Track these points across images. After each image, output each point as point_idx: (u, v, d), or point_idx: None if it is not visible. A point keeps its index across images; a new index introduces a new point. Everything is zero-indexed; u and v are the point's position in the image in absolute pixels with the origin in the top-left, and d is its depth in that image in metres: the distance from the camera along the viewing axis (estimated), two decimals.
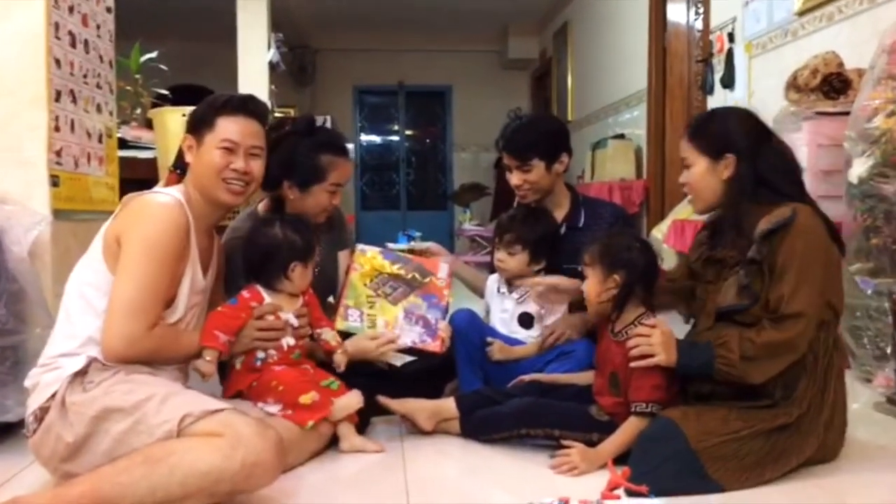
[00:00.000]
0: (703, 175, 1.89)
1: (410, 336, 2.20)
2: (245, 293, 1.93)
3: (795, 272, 1.71)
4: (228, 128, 1.86)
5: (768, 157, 1.84)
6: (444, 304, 2.27)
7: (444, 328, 2.23)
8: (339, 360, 2.03)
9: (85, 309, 1.71)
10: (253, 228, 2.03)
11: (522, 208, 2.45)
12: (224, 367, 1.96)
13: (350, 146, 2.27)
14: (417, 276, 2.27)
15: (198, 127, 1.87)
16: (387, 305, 2.22)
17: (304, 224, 2.03)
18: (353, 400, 1.96)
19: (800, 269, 1.71)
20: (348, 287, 2.22)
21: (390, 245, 2.95)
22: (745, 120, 1.91)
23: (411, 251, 2.63)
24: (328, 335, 2.05)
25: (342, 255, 2.42)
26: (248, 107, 1.90)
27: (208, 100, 1.92)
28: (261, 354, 1.92)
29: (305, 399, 1.87)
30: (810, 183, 2.87)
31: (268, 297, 1.94)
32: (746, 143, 1.85)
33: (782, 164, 1.86)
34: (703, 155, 1.88)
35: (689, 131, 1.94)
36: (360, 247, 2.29)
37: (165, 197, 1.78)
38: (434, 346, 2.21)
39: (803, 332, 1.72)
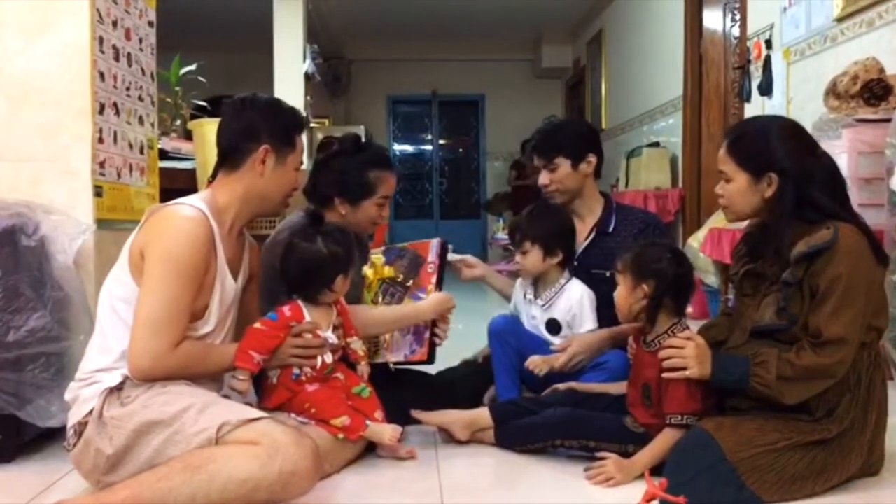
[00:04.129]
0: (742, 192, 1.81)
1: (402, 351, 2.21)
2: (286, 310, 1.88)
3: (838, 297, 1.65)
4: (301, 149, 1.96)
5: (813, 176, 1.75)
6: (426, 288, 2.25)
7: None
8: (363, 370, 2.04)
9: (116, 323, 1.71)
10: (291, 244, 1.97)
11: (531, 206, 2.42)
12: (259, 378, 1.98)
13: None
14: (409, 275, 2.27)
15: (281, 141, 1.89)
16: None
17: (343, 232, 2.00)
18: (387, 433, 1.94)
19: (843, 295, 1.65)
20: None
21: None
22: (790, 135, 1.80)
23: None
24: (356, 345, 2.04)
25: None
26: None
27: (286, 115, 1.94)
28: (296, 371, 1.91)
29: (336, 423, 1.88)
30: (850, 191, 2.83)
31: (308, 315, 1.91)
32: (790, 161, 1.75)
33: (828, 181, 1.76)
34: (744, 171, 1.80)
35: (728, 143, 1.84)
36: (372, 256, 2.32)
37: (188, 209, 1.75)
38: (421, 354, 2.19)
39: (844, 358, 1.67)
